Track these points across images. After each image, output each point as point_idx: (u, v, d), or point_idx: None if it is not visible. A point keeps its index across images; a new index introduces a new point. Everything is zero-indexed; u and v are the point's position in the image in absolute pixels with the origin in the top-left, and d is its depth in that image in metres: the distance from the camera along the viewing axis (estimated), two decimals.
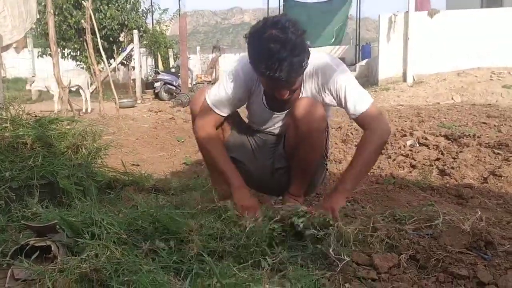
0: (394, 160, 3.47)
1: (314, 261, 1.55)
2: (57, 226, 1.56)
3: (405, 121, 5.13)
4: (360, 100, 1.87)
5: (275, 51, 1.60)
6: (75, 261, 1.34)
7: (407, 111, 6.13)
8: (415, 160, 3.38)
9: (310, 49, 1.81)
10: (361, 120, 1.89)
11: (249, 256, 1.46)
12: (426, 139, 3.95)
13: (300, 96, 1.96)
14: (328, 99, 1.94)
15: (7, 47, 5.31)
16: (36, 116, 2.34)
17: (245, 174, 2.14)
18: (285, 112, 2.05)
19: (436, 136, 4.10)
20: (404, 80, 10.77)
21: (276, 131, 2.15)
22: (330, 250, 1.55)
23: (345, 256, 1.51)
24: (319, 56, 1.93)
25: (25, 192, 2.00)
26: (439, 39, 10.43)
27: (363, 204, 2.30)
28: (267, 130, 2.17)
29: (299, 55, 1.66)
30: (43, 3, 9.61)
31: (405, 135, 4.21)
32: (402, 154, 3.59)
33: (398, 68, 10.95)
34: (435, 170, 3.17)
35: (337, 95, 1.89)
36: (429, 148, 3.72)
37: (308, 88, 1.95)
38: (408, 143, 3.92)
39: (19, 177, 1.99)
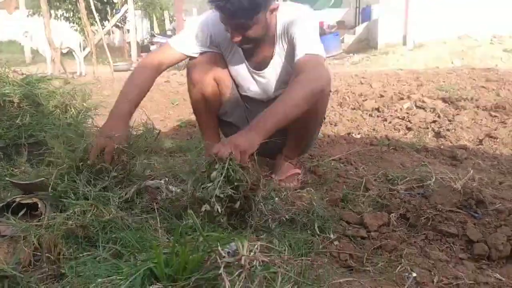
0: (390, 122, 3.44)
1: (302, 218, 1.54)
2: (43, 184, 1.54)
3: (404, 85, 5.06)
4: (306, 46, 1.76)
5: None
6: (61, 218, 1.32)
7: (406, 75, 6.04)
8: (411, 123, 3.35)
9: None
10: (299, 65, 1.72)
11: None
12: (423, 101, 3.91)
13: (272, 57, 1.95)
14: (290, 47, 1.87)
15: None
16: (23, 74, 2.28)
17: None
18: (265, 73, 2.01)
19: (434, 99, 4.06)
20: (404, 44, 10.60)
21: (264, 97, 2.10)
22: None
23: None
24: (290, 10, 1.88)
25: (13, 151, 1.98)
26: (441, 3, 10.19)
27: (356, 165, 2.29)
28: (255, 96, 2.12)
29: None
30: None
31: (402, 99, 4.16)
32: (398, 117, 3.56)
33: (398, 31, 10.76)
34: (430, 132, 3.15)
35: (291, 39, 1.83)
36: (425, 110, 3.69)
37: (281, 48, 1.93)
38: (405, 106, 3.88)
39: (6, 136, 1.96)
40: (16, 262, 1.20)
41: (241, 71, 2.06)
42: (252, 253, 0.91)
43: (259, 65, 2.01)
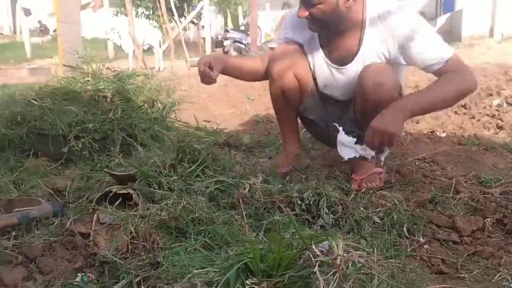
0: (478, 120, 3.23)
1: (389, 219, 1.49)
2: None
3: (491, 80, 4.72)
4: (438, 49, 1.71)
5: None
6: (155, 209, 1.39)
7: (494, 69, 5.64)
8: (502, 121, 3.11)
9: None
10: (443, 70, 1.70)
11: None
12: None
13: (357, 51, 1.86)
14: (394, 49, 1.79)
15: (84, 6, 5.53)
16: (115, 71, 2.42)
17: (322, 135, 2.17)
18: (347, 69, 1.92)
19: None
20: (491, 36, 9.91)
21: (339, 95, 2.03)
22: None
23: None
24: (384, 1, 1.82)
25: (107, 143, 2.11)
26: None
27: (443, 165, 2.17)
28: (332, 94, 2.05)
29: None
30: None
31: (491, 95, 3.88)
32: (487, 115, 3.33)
33: (484, 23, 10.08)
34: None
35: (404, 42, 1.74)
36: None
37: (370, 38, 1.82)
38: (495, 102, 3.62)
39: (101, 129, 2.09)
40: (115, 248, 1.28)
41: (319, 64, 1.99)
42: (347, 254, 0.90)
43: (341, 59, 1.92)
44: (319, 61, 1.99)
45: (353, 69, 1.90)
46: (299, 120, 2.19)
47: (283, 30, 2.10)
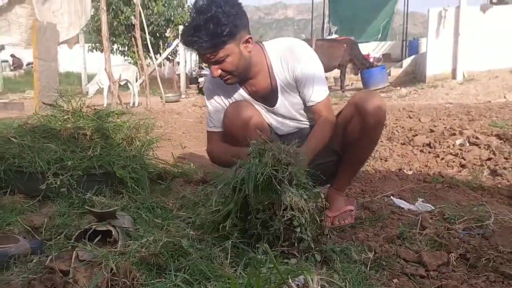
0: (442, 159, 3.40)
1: (360, 254, 1.57)
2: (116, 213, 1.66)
3: (454, 120, 4.98)
4: (318, 93, 2.01)
5: (193, 19, 1.80)
6: (135, 246, 1.42)
7: (456, 109, 5.95)
8: (465, 160, 3.29)
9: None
10: (317, 109, 2.02)
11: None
12: (477, 138, 3.83)
13: (271, 82, 2.04)
14: (294, 83, 2.03)
15: (61, 43, 5.59)
16: (95, 109, 2.47)
17: None
18: (277, 109, 2.09)
19: (488, 135, 3.96)
20: (454, 77, 10.41)
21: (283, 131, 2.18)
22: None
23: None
24: (284, 41, 2.07)
25: (85, 180, 2.13)
26: (492, 35, 10.01)
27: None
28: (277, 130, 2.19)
29: (215, 27, 1.76)
30: (96, 0, 10.00)
31: (454, 134, 4.10)
32: (451, 153, 3.51)
33: (447, 64, 10.60)
34: (486, 170, 3.08)
35: (300, 80, 2.00)
36: (480, 147, 3.61)
37: (279, 74, 2.03)
38: (458, 142, 3.82)
39: (80, 167, 2.12)
40: (95, 285, 1.30)
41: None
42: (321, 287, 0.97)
43: (266, 98, 2.09)
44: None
45: (282, 104, 2.09)
46: None
47: (211, 105, 2.15)
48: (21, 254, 1.51)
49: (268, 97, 2.09)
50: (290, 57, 1.99)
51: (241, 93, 2.10)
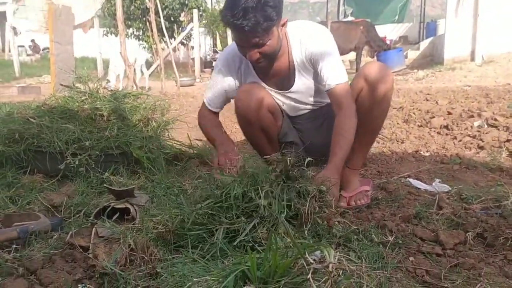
0: (460, 141, 3.35)
1: (377, 234, 1.56)
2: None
3: (472, 102, 4.88)
4: (336, 73, 1.93)
5: (242, 1, 1.68)
6: (152, 223, 1.44)
7: (475, 91, 5.83)
8: (483, 141, 3.24)
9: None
10: (335, 94, 1.94)
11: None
12: (495, 120, 3.77)
13: (289, 64, 2.01)
14: (311, 65, 2.00)
15: (75, 27, 5.61)
16: (111, 90, 2.49)
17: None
18: (291, 94, 2.08)
19: (507, 117, 3.88)
20: (472, 59, 10.18)
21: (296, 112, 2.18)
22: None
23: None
24: (302, 23, 2.03)
25: (102, 160, 2.16)
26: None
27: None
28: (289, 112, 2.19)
29: (265, 10, 1.70)
30: None
31: (472, 116, 4.03)
32: (469, 135, 3.46)
33: (466, 46, 10.36)
34: (505, 151, 3.03)
35: (316, 60, 1.96)
36: (498, 129, 3.55)
37: (296, 56, 1.99)
38: (476, 124, 3.75)
39: (98, 147, 2.15)
40: (114, 260, 1.33)
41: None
42: (338, 262, 0.97)
43: (280, 84, 2.07)
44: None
45: (297, 87, 2.07)
46: None
47: (214, 84, 2.13)
48: (41, 230, 1.55)
49: (285, 80, 2.07)
50: (308, 40, 1.97)
51: (254, 76, 2.09)
